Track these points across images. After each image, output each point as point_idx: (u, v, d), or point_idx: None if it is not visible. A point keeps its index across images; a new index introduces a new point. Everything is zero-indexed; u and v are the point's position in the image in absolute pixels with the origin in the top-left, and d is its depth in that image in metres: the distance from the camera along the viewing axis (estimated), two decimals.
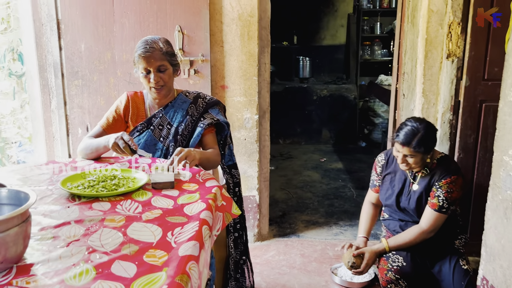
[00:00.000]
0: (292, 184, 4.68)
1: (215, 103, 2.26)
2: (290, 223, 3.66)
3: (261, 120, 3.21)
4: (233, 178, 2.30)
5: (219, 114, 2.23)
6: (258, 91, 3.09)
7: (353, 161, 5.59)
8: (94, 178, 1.75)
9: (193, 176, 1.87)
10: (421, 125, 2.26)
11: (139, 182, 1.76)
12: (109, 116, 2.22)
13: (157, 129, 2.18)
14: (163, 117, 2.19)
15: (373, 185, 2.66)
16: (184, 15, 2.90)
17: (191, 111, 2.19)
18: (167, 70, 2.11)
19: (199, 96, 2.25)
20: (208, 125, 2.15)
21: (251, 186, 3.21)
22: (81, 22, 2.91)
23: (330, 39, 7.16)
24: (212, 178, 1.84)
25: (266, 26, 3.08)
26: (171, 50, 2.14)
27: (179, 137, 2.16)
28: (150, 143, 2.18)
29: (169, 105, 2.21)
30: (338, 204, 4.08)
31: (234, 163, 2.30)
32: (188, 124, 2.17)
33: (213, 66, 3.03)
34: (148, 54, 2.05)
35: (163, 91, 2.14)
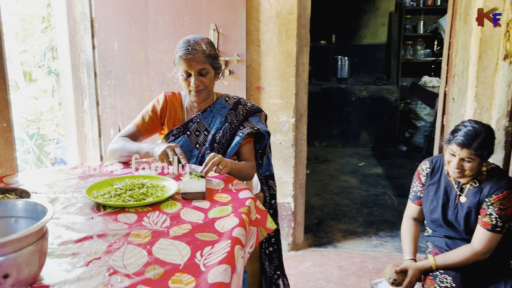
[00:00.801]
0: (328, 189, 4.49)
1: (256, 110, 2.12)
2: (327, 232, 3.48)
3: (298, 124, 3.05)
4: (269, 189, 2.16)
5: (260, 122, 2.08)
6: (295, 92, 2.93)
7: (393, 166, 5.34)
8: (122, 186, 1.64)
9: (225, 185, 1.74)
10: (483, 127, 2.03)
11: (169, 191, 1.65)
12: (145, 115, 2.12)
13: (194, 135, 2.06)
14: (201, 122, 2.07)
15: (415, 197, 2.42)
16: (219, 13, 2.77)
17: (230, 118, 2.06)
18: (209, 74, 1.99)
19: (240, 102, 2.11)
20: (248, 134, 2.01)
21: (286, 192, 3.06)
22: (115, 20, 2.84)
23: (370, 38, 6.91)
24: (246, 189, 1.70)
25: (305, 24, 2.92)
26: (214, 52, 2.01)
27: (216, 145, 2.04)
28: (185, 150, 2.06)
29: (208, 109, 2.08)
30: (378, 213, 3.87)
31: (271, 174, 2.16)
32: (226, 131, 2.04)
33: (248, 67, 2.89)
34: (190, 57, 1.93)
35: (203, 95, 2.01)
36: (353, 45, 6.88)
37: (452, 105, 2.96)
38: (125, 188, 1.63)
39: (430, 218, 2.33)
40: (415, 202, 2.41)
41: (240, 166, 1.94)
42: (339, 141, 6.26)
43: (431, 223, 2.35)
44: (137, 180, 1.71)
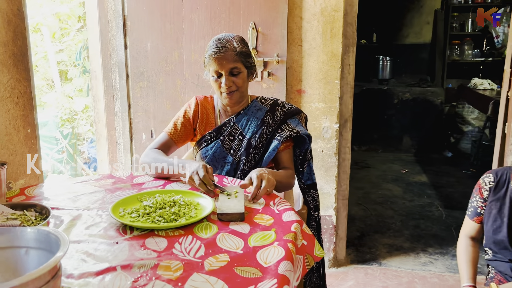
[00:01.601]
0: (370, 198, 4.22)
1: (295, 112, 1.92)
2: (370, 246, 3.22)
3: (342, 130, 2.81)
4: (313, 200, 1.94)
5: (300, 125, 1.89)
6: (339, 96, 2.70)
7: (439, 173, 5.00)
8: (151, 203, 1.46)
9: (266, 204, 1.53)
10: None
11: (203, 210, 1.46)
12: (177, 122, 1.95)
13: (227, 140, 1.88)
14: (235, 126, 1.88)
15: (475, 214, 2.13)
16: (259, 11, 2.57)
17: (267, 120, 1.87)
18: (241, 74, 1.82)
19: (277, 103, 1.92)
20: (287, 138, 1.81)
21: (328, 204, 2.82)
22: (148, 19, 2.68)
23: (414, 37, 6.55)
24: (290, 209, 1.48)
25: (352, 22, 2.68)
26: (246, 50, 1.84)
27: (251, 151, 1.85)
28: (219, 156, 1.88)
29: (242, 112, 1.90)
30: (425, 226, 3.57)
31: (313, 183, 1.94)
32: (263, 135, 1.85)
33: (289, 68, 2.68)
34: (220, 55, 1.76)
35: (235, 96, 1.84)
36: (396, 44, 6.55)
37: None
38: (155, 206, 1.45)
39: (492, 239, 2.05)
40: (474, 219, 2.13)
41: (280, 177, 1.74)
42: (380, 146, 5.95)
43: (494, 245, 2.06)
44: (168, 196, 1.53)
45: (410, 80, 6.32)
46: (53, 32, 7.38)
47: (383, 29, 6.56)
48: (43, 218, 1.36)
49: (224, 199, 1.49)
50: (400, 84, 6.14)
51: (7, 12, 1.67)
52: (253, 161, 1.86)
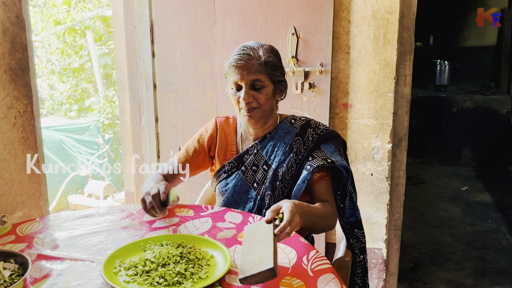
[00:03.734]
0: (425, 221, 3.77)
1: (331, 135, 1.57)
2: (425, 281, 2.81)
3: (395, 150, 2.43)
4: (358, 241, 1.59)
5: (336, 153, 1.53)
6: (393, 112, 2.33)
7: (504, 192, 4.45)
8: (153, 257, 1.18)
9: (298, 260, 1.21)
10: None
11: (217, 268, 1.16)
12: (189, 146, 1.68)
13: (250, 171, 1.57)
14: (259, 153, 1.58)
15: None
16: (300, 13, 2.25)
17: (296, 146, 1.54)
18: (265, 88, 1.50)
19: (309, 124, 1.59)
20: (318, 167, 1.47)
21: (377, 236, 2.45)
22: (176, 24, 2.43)
23: (476, 39, 5.96)
24: (329, 270, 1.15)
25: (409, 26, 2.30)
26: (274, 60, 1.52)
27: (278, 184, 1.53)
28: (240, 190, 1.58)
29: (268, 137, 1.59)
30: (491, 258, 3.10)
31: (357, 220, 1.58)
32: (291, 165, 1.53)
33: (334, 79, 2.33)
34: (241, 63, 1.47)
35: (256, 115, 1.52)
36: (455, 47, 6.00)
37: None
38: (157, 260, 1.16)
39: None
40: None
41: (315, 214, 1.39)
42: (436, 158, 5.43)
43: None
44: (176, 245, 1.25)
45: (471, 87, 5.75)
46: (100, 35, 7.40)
47: (441, 31, 6.03)
48: (20, 274, 1.12)
49: (246, 248, 1.16)
50: (460, 91, 5.59)
51: (2, 20, 1.45)
52: (281, 196, 1.53)
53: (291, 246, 1.29)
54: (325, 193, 1.51)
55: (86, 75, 7.86)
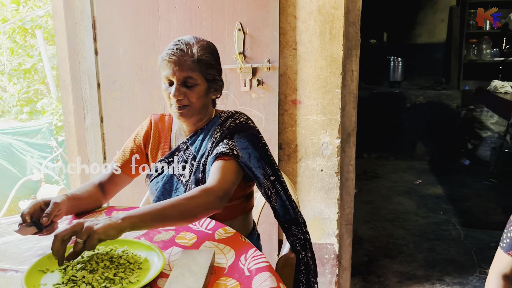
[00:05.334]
0: (380, 214, 3.83)
1: (246, 128, 1.51)
2: (379, 274, 2.85)
3: (344, 145, 2.44)
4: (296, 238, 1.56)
5: (247, 150, 1.46)
6: (341, 107, 2.33)
7: (455, 184, 4.59)
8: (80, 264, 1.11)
9: (236, 259, 1.18)
10: None
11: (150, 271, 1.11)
12: (126, 147, 1.63)
13: (180, 167, 1.53)
14: (188, 149, 1.55)
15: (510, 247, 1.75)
16: (246, 9, 2.22)
17: (215, 135, 1.51)
18: (197, 86, 1.46)
19: (233, 116, 1.55)
20: (222, 154, 1.42)
21: (329, 231, 2.46)
22: (120, 20, 2.35)
23: (427, 36, 6.13)
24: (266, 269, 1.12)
25: (355, 21, 2.31)
26: (208, 58, 1.47)
27: (201, 175, 1.50)
28: (170, 188, 1.56)
29: (199, 132, 1.55)
30: (441, 249, 3.18)
31: (292, 218, 1.55)
32: (208, 153, 1.50)
33: (282, 75, 2.32)
34: (173, 59, 1.42)
35: (188, 113, 1.48)
36: (408, 44, 6.14)
37: None
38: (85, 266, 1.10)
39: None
40: (510, 253, 1.74)
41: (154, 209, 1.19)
42: (391, 153, 5.55)
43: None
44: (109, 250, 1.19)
45: (424, 82, 5.91)
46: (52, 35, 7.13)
47: (394, 28, 6.16)
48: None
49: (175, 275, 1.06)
50: (413, 87, 5.73)
51: None
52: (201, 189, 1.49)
53: (230, 245, 1.25)
54: (213, 173, 1.38)
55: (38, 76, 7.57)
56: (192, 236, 1.31)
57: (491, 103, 4.74)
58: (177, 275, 1.07)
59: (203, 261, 1.11)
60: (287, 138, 2.41)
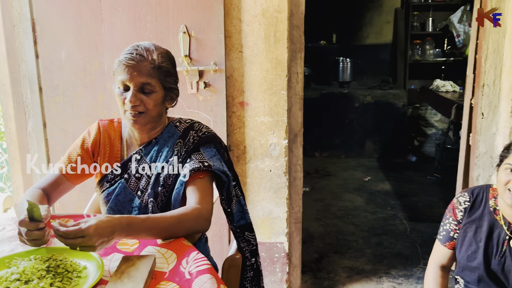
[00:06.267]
0: (330, 211, 3.93)
1: (211, 139, 1.54)
2: (329, 271, 2.92)
3: (292, 146, 2.49)
4: (248, 245, 1.59)
5: (216, 157, 1.50)
6: (287, 108, 2.38)
7: (402, 180, 4.78)
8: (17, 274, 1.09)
9: (177, 263, 1.19)
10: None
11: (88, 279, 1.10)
12: (72, 153, 1.58)
13: (134, 178, 1.51)
14: (143, 159, 1.52)
15: (447, 238, 1.85)
16: (191, 12, 2.22)
17: (177, 149, 1.50)
18: (154, 94, 1.44)
19: (192, 127, 1.55)
20: (194, 170, 1.43)
21: (278, 230, 2.50)
22: (61, 23, 2.29)
23: (374, 37, 6.33)
24: (207, 271, 1.14)
25: (298, 24, 2.36)
26: (168, 66, 1.47)
27: (160, 189, 1.48)
28: (124, 199, 1.51)
29: (153, 142, 1.53)
30: (388, 243, 3.31)
31: (247, 223, 1.59)
32: (173, 168, 1.49)
33: (229, 77, 2.34)
34: (132, 63, 1.39)
35: (143, 120, 1.46)
36: (356, 45, 6.32)
37: (481, 122, 2.40)
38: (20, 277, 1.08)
39: (466, 266, 1.78)
40: (445, 245, 1.84)
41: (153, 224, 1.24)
42: (342, 151, 5.70)
43: (468, 273, 1.79)
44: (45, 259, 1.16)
45: (372, 82, 6.11)
46: None
47: (342, 30, 6.32)
48: None
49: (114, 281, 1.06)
50: (361, 87, 5.91)
51: None
52: (164, 202, 1.48)
53: (172, 249, 1.26)
54: (194, 193, 1.41)
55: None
56: (134, 241, 1.31)
57: (433, 102, 4.97)
58: (115, 281, 1.06)
59: (143, 267, 1.12)
60: (236, 140, 2.43)
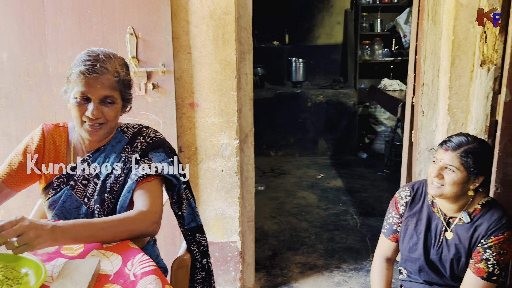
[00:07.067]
0: (285, 209, 4.00)
1: (160, 144, 1.54)
2: (282, 267, 2.98)
3: (243, 146, 2.53)
4: (199, 246, 1.61)
5: (166, 161, 1.51)
6: (237, 109, 2.41)
7: (354, 177, 4.92)
8: None
9: (123, 265, 1.19)
10: (477, 140, 1.72)
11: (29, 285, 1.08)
12: (13, 160, 1.53)
13: (81, 185, 1.49)
14: (90, 166, 1.50)
15: (391, 231, 1.95)
16: (137, 13, 2.21)
17: (125, 155, 1.50)
18: (115, 105, 1.44)
19: (140, 132, 1.55)
20: (143, 176, 1.43)
21: (231, 229, 2.53)
22: (2, 23, 2.22)
23: (326, 38, 6.48)
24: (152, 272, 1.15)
25: (246, 26, 2.40)
26: (129, 79, 1.48)
27: (107, 196, 1.47)
28: (70, 207, 1.49)
29: (101, 148, 1.52)
30: (340, 238, 3.41)
31: (198, 225, 1.61)
32: (119, 174, 1.48)
33: (178, 79, 2.34)
34: (95, 76, 1.37)
35: (102, 131, 1.46)
36: (308, 46, 6.44)
37: (422, 119, 2.53)
38: None
39: (408, 257, 1.88)
40: (389, 237, 1.94)
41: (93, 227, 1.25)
42: (296, 150, 5.80)
43: (409, 264, 1.89)
44: None
45: (324, 82, 6.26)
46: None
47: (295, 30, 6.43)
48: None
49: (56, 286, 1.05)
50: (314, 86, 6.03)
51: None
52: (110, 208, 1.47)
53: (117, 252, 1.26)
54: (142, 196, 1.40)
55: None
56: (79, 246, 1.30)
57: (381, 100, 5.15)
58: (58, 286, 1.06)
59: (86, 270, 1.11)
60: (186, 141, 2.44)
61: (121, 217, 1.32)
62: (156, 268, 1.18)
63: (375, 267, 1.98)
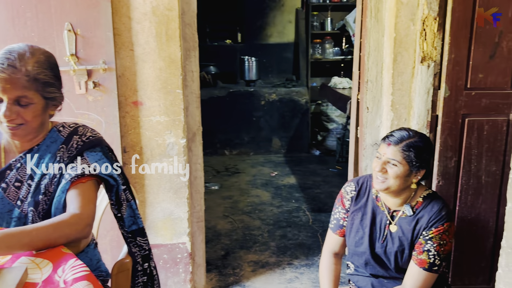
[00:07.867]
0: (238, 208, 3.98)
1: (96, 143, 1.49)
2: (234, 266, 2.96)
3: (191, 145, 2.49)
4: (140, 249, 1.56)
5: (103, 160, 1.45)
6: (184, 107, 2.36)
7: (306, 174, 4.97)
8: None
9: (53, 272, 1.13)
10: (418, 134, 1.77)
11: None
12: None
13: (13, 188, 1.41)
14: (23, 167, 1.42)
15: (338, 226, 1.97)
16: (75, 9, 2.12)
17: (60, 155, 1.44)
18: (33, 106, 1.35)
19: (76, 131, 1.49)
20: (77, 176, 1.37)
21: (180, 231, 2.48)
22: None
23: (278, 36, 6.51)
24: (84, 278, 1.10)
25: (191, 22, 2.36)
26: (46, 77, 1.37)
27: (41, 198, 1.40)
28: (2, 210, 1.41)
29: (35, 148, 1.44)
30: (292, 235, 3.43)
31: (140, 228, 1.55)
32: (54, 175, 1.41)
33: (120, 76, 2.27)
34: (3, 76, 1.29)
35: (22, 132, 1.38)
36: (260, 44, 6.45)
37: (367, 116, 2.57)
38: None
39: (354, 252, 1.91)
40: (337, 233, 1.96)
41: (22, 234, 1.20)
42: (251, 149, 5.80)
43: (356, 258, 1.92)
44: None
45: (276, 80, 6.28)
46: None
47: (247, 29, 6.42)
48: None
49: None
50: (267, 85, 6.04)
51: None
52: (45, 211, 1.40)
53: (48, 258, 1.19)
54: (75, 198, 1.35)
55: None
56: None
57: (332, 98, 5.23)
58: None
59: (10, 280, 1.05)
60: (131, 141, 2.37)
61: (55, 221, 1.28)
62: (89, 273, 1.13)
63: (323, 263, 2.00)
